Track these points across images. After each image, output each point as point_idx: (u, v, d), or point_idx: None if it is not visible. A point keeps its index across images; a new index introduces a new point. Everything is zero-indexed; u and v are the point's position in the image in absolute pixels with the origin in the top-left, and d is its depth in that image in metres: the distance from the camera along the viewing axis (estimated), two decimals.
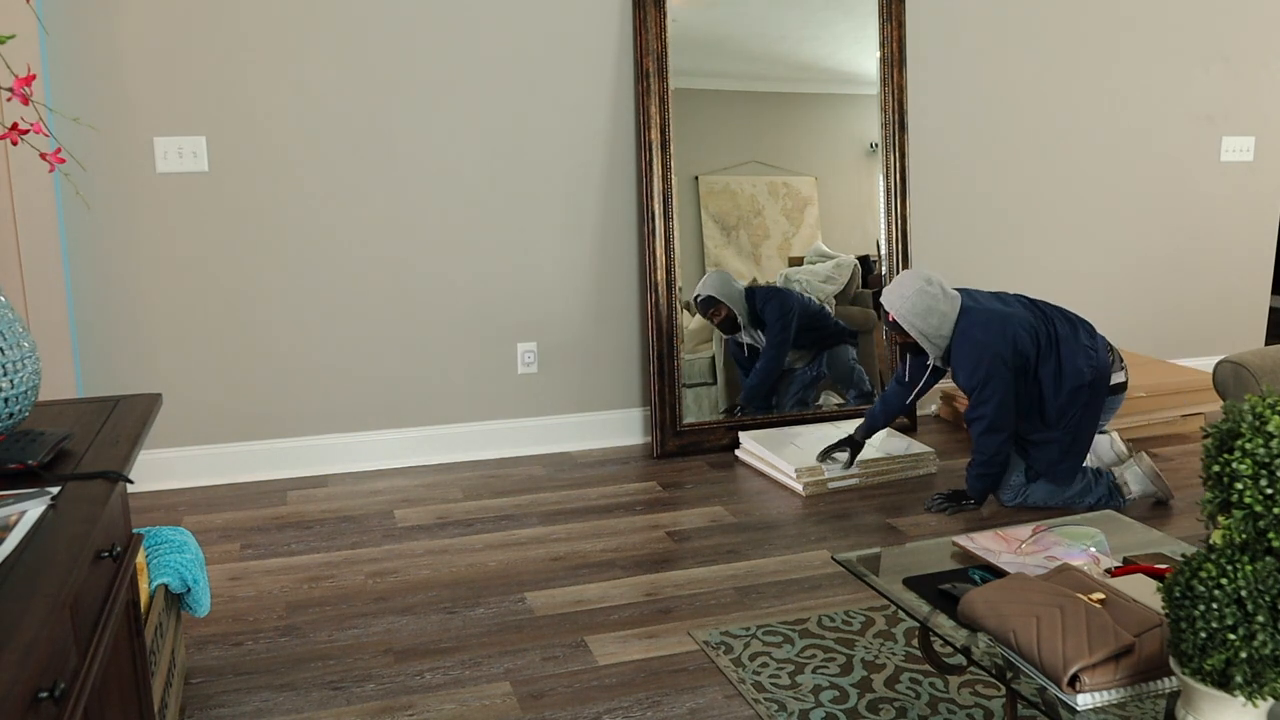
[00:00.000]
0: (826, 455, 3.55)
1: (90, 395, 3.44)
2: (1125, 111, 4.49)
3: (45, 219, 3.21)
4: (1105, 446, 3.46)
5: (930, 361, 3.35)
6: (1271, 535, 1.39)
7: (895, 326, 3.29)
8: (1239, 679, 1.36)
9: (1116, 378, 3.32)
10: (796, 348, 4.02)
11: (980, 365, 3.17)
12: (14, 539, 1.24)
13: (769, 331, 3.91)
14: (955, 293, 3.26)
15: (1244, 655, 1.35)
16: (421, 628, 2.64)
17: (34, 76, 1.61)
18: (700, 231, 3.92)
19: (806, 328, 4.00)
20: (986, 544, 2.16)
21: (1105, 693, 1.60)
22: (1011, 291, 4.43)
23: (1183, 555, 2.07)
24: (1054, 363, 3.23)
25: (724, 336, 3.96)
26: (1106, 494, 3.34)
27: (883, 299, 3.32)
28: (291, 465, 3.69)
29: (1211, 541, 1.49)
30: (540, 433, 3.94)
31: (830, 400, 4.11)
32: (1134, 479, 3.35)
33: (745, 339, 3.92)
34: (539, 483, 3.64)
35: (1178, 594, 1.43)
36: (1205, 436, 1.48)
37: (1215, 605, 1.37)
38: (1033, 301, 3.35)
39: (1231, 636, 1.35)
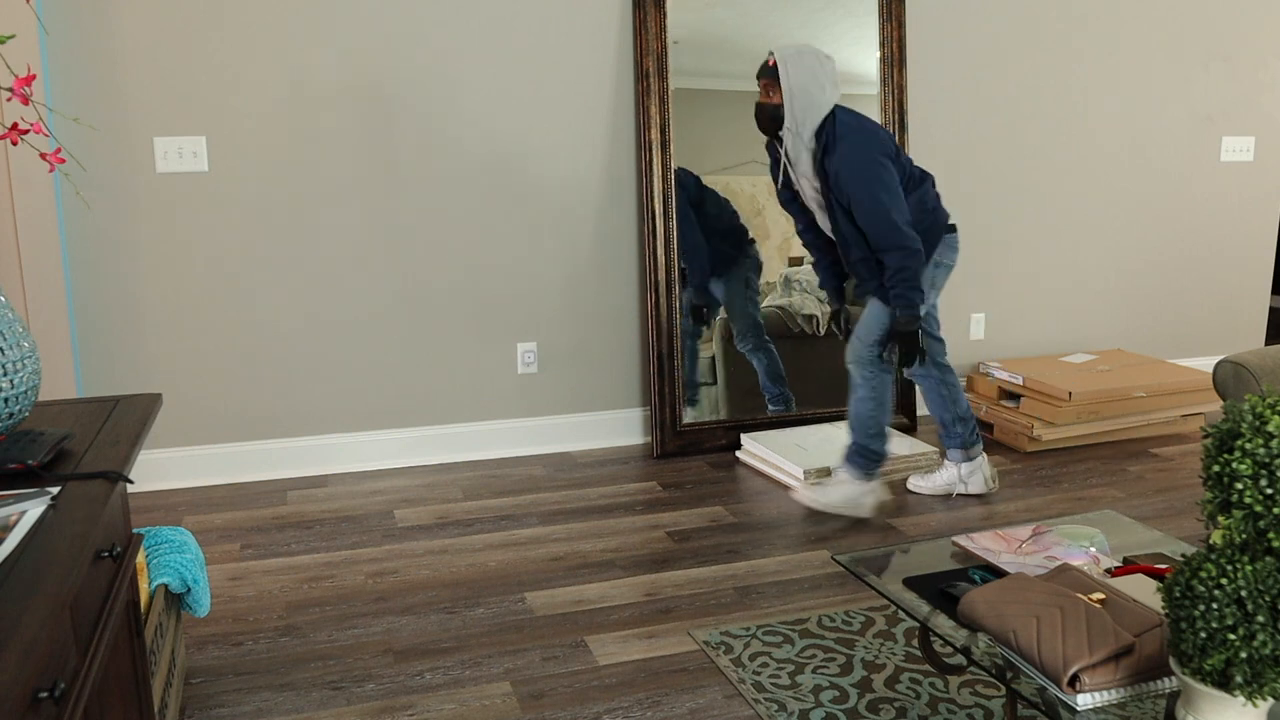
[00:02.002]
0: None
1: (90, 395, 3.44)
2: (1125, 111, 4.49)
3: (45, 219, 3.21)
4: (980, 463, 3.45)
5: (784, 149, 3.16)
6: (1271, 535, 1.39)
7: (771, 74, 3.08)
8: (1239, 679, 1.36)
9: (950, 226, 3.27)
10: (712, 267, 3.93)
11: (870, 165, 3.00)
12: (14, 539, 1.24)
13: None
14: (838, 94, 3.09)
15: (1244, 655, 1.35)
16: (421, 628, 2.64)
17: (34, 76, 1.61)
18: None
19: (721, 232, 3.93)
20: (986, 544, 2.16)
21: (1105, 693, 1.60)
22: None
23: (1183, 555, 2.07)
24: (916, 192, 3.16)
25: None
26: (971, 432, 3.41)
27: (774, 49, 3.10)
28: (291, 465, 3.69)
29: (1211, 541, 1.49)
30: (540, 433, 3.94)
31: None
32: (975, 483, 3.42)
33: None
34: (539, 483, 3.64)
35: (1178, 594, 1.43)
36: (1205, 436, 1.48)
37: (1215, 605, 1.37)
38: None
39: (1231, 636, 1.35)
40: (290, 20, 3.43)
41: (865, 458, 3.29)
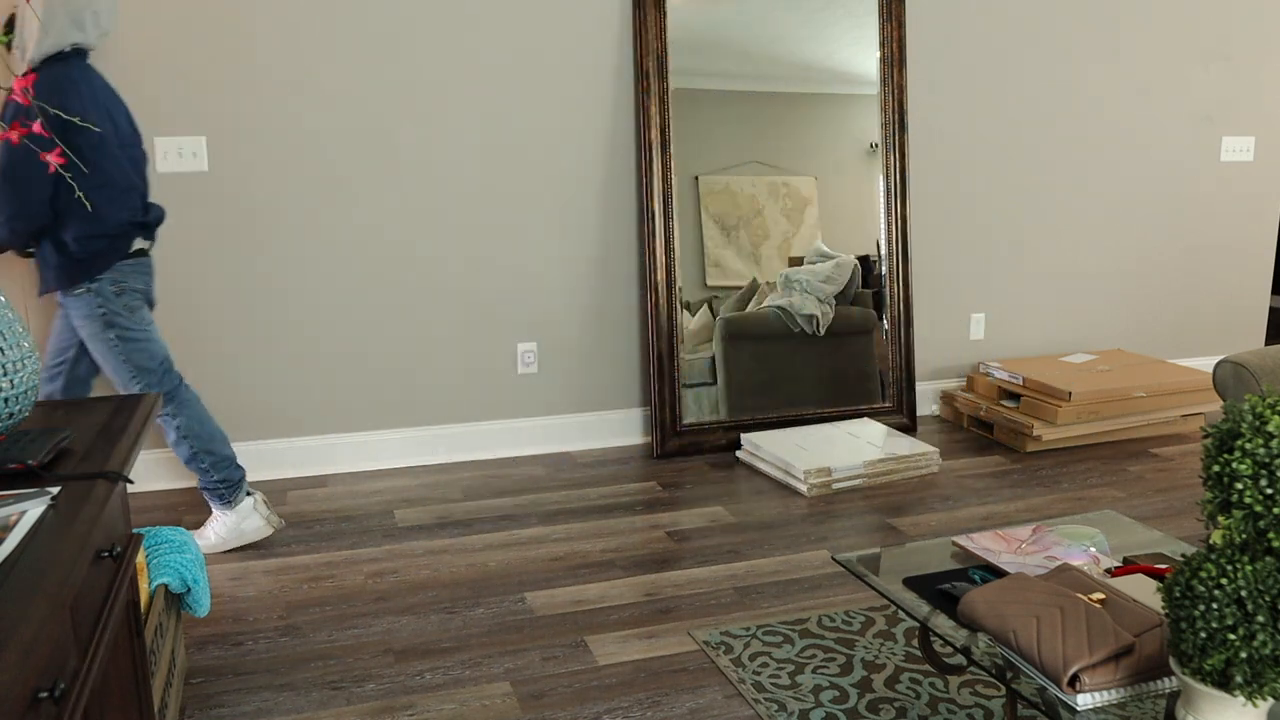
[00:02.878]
0: None
1: (90, 395, 3.44)
2: (1125, 111, 4.49)
3: None
4: (249, 508, 3.09)
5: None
6: (1271, 535, 1.39)
7: None
8: (1239, 679, 1.36)
9: (139, 243, 2.90)
10: None
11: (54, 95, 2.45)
12: (14, 539, 1.24)
13: None
14: (81, 38, 2.60)
15: (1244, 655, 1.35)
16: (421, 628, 2.64)
17: (34, 76, 1.61)
18: (700, 231, 3.92)
19: None
20: (986, 544, 2.16)
21: (1105, 693, 1.60)
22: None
23: (1183, 555, 2.07)
24: (120, 199, 2.79)
25: (724, 338, 3.96)
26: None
27: None
28: (291, 465, 3.69)
29: (1211, 541, 1.49)
30: (540, 433, 3.94)
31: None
32: (252, 526, 3.11)
33: None
34: (539, 483, 3.64)
35: (1178, 594, 1.43)
36: (1205, 436, 1.48)
37: (1215, 605, 1.37)
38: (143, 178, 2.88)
39: (1231, 636, 1.35)
40: (290, 20, 3.43)
41: (210, 489, 3.02)
